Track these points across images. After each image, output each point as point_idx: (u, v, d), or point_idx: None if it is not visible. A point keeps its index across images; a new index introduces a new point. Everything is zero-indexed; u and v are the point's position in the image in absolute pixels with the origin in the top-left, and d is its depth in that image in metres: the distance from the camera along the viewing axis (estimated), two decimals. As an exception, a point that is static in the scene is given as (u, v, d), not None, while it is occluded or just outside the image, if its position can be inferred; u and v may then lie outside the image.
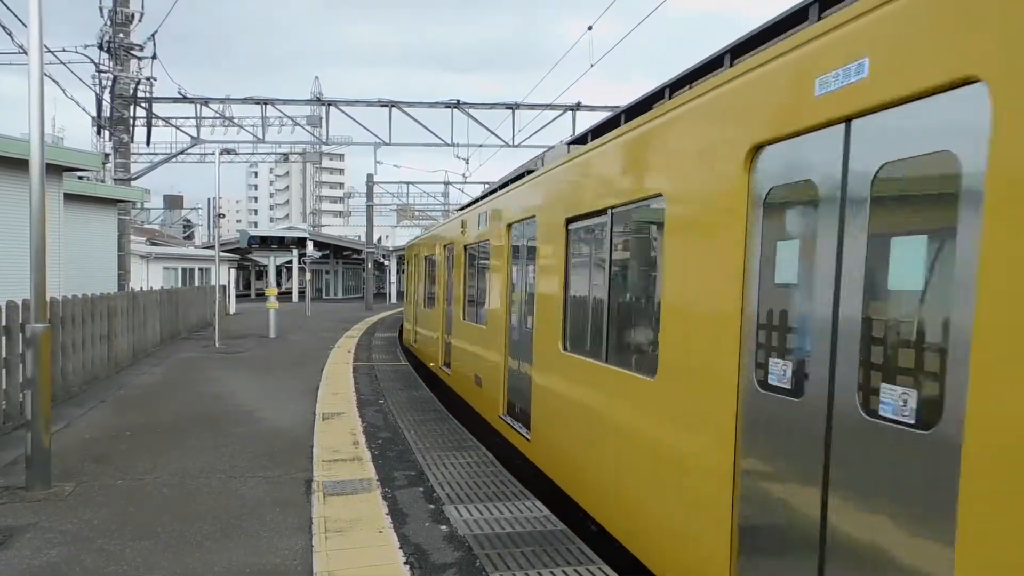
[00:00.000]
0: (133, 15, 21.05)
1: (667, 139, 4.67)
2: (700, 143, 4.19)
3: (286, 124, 28.86)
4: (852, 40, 2.99)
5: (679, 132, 4.50)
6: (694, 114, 4.31)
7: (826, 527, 3.07)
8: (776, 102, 3.47)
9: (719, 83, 4.01)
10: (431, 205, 53.52)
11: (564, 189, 6.86)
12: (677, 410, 4.39)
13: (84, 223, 18.14)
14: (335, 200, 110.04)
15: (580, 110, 25.04)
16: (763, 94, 3.60)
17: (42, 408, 6.40)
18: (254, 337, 21.23)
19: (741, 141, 3.72)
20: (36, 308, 6.47)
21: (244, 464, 7.29)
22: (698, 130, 4.25)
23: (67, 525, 5.50)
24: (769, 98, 3.54)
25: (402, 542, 5.16)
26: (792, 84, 3.35)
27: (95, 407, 10.22)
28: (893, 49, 2.76)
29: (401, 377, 13.68)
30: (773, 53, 3.54)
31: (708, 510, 3.95)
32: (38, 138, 6.35)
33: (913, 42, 2.68)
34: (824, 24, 3.19)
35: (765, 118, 3.55)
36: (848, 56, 2.99)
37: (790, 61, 3.40)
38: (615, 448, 5.31)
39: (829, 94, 3.10)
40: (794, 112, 3.33)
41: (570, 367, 6.44)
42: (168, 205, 74.61)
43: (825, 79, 3.13)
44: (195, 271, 33.83)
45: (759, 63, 3.65)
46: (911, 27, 2.70)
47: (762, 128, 3.56)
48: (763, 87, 3.60)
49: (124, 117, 21.70)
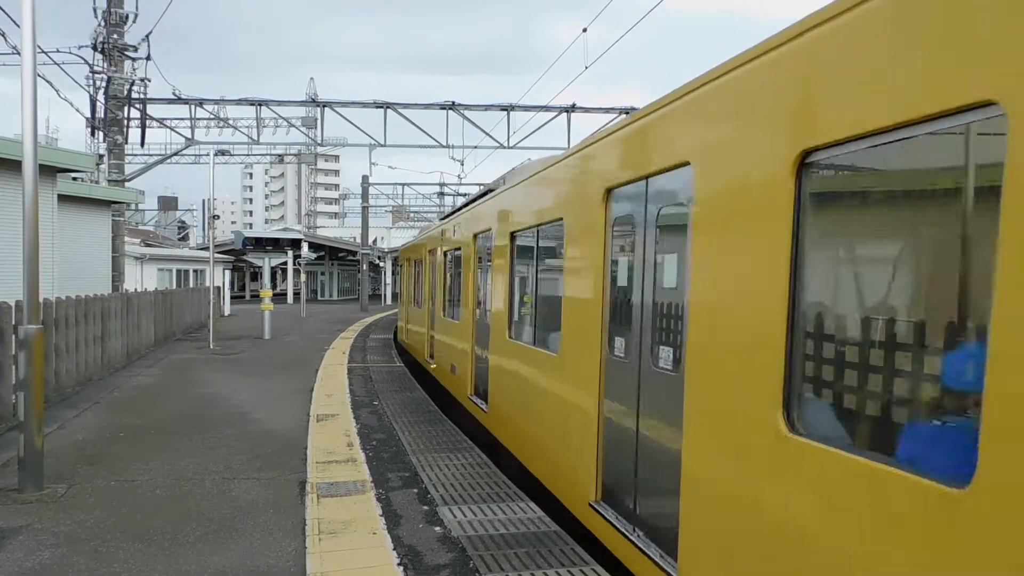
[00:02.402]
0: (127, 16, 21.03)
1: (566, 180, 6.60)
2: (581, 186, 6.09)
3: (281, 125, 28.87)
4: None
5: (572, 176, 6.46)
6: (577, 165, 6.31)
7: (639, 431, 4.83)
8: (622, 162, 5.26)
9: (581, 148, 6.13)
10: (426, 207, 53.53)
11: (510, 209, 8.49)
12: (570, 375, 6.11)
13: (78, 224, 18.10)
14: (330, 201, 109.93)
15: (575, 111, 25.08)
16: (615, 157, 5.40)
17: (35, 410, 6.38)
18: (249, 338, 21.19)
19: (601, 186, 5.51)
20: (29, 309, 6.45)
21: (238, 466, 7.28)
22: (581, 177, 6.18)
23: (60, 527, 5.48)
24: (618, 159, 5.34)
25: (396, 543, 5.16)
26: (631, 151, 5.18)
27: (88, 409, 10.19)
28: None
29: (396, 378, 13.68)
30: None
31: (586, 438, 5.61)
32: (31, 139, 6.33)
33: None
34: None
35: (615, 171, 5.31)
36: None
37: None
38: (537, 408, 7.06)
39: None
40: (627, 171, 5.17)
41: (513, 351, 8.14)
42: (162, 206, 74.35)
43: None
44: (189, 272, 33.78)
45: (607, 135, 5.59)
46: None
47: (612, 179, 5.32)
48: (615, 152, 5.40)
49: (118, 118, 21.66)
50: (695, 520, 3.93)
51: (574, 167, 6.32)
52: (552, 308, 6.79)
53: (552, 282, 7.07)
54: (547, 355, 6.74)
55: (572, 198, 6.21)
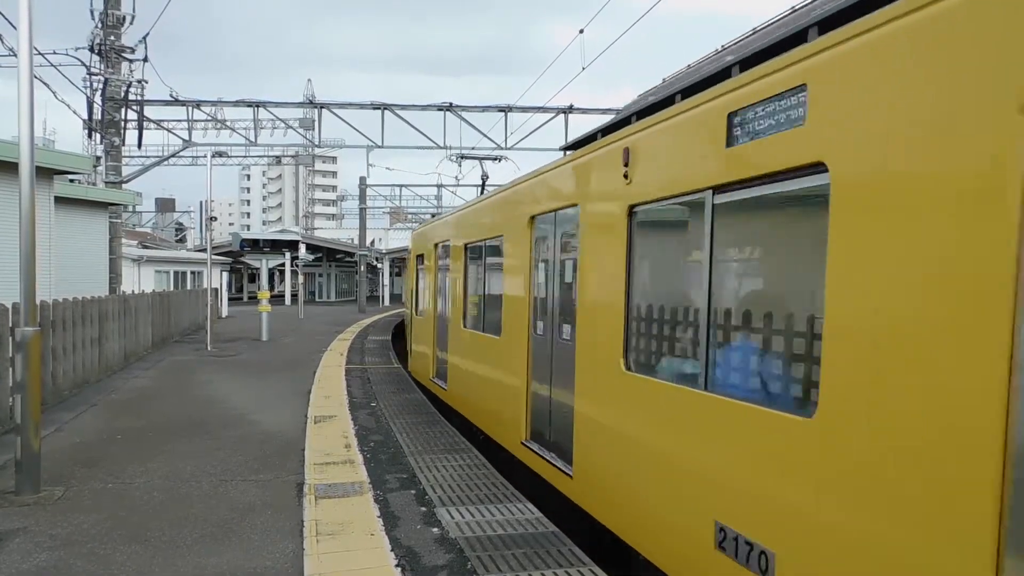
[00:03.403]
0: (124, 17, 20.99)
1: (504, 206, 8.71)
2: (515, 210, 8.11)
3: (278, 127, 28.87)
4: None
5: (508, 202, 8.57)
6: (512, 197, 8.39)
7: (551, 390, 6.89)
8: (541, 199, 7.31)
9: (511, 187, 8.51)
10: (424, 208, 53.51)
11: (462, 224, 11.02)
12: (507, 352, 8.23)
13: (75, 226, 18.06)
14: (328, 203, 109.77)
15: (572, 112, 25.11)
16: (537, 192, 7.43)
17: (32, 412, 6.37)
18: (246, 340, 21.17)
19: (527, 213, 7.65)
20: (26, 311, 6.44)
21: (235, 467, 7.27)
22: (516, 204, 8.17)
23: (57, 529, 5.47)
24: (538, 197, 7.40)
25: (393, 544, 5.16)
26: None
27: (86, 411, 10.17)
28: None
29: (394, 380, 13.67)
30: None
31: (518, 400, 7.72)
32: (28, 141, 6.32)
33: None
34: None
35: (538, 202, 7.35)
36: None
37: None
38: (484, 381, 9.31)
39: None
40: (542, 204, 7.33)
41: (465, 337, 10.45)
42: (160, 208, 74.32)
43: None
44: (187, 274, 33.74)
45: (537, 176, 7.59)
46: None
47: (535, 209, 7.42)
48: (538, 188, 7.45)
49: (115, 120, 21.63)
50: (581, 437, 5.97)
51: (512, 196, 8.45)
52: (494, 302, 9.06)
53: (493, 282, 9.30)
54: (492, 338, 8.88)
55: (509, 219, 8.35)
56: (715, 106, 4.08)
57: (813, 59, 3.26)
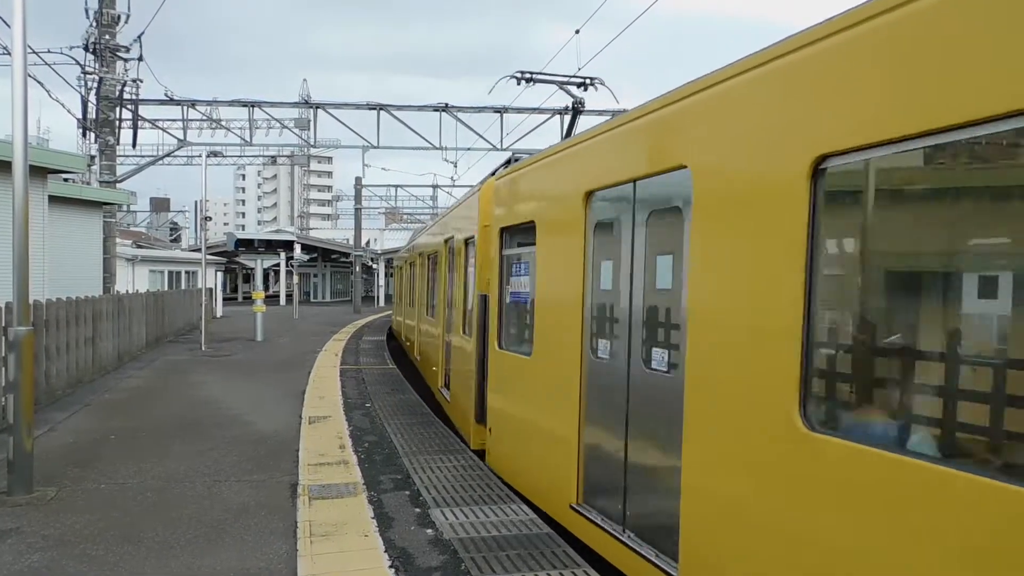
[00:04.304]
0: (119, 16, 20.93)
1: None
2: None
3: (274, 127, 28.84)
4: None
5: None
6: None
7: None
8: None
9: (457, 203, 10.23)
10: (419, 208, 53.49)
11: (425, 237, 13.39)
12: (451, 329, 10.35)
13: (69, 225, 17.98)
14: (323, 203, 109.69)
15: (569, 113, 25.09)
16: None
17: (24, 412, 6.35)
18: (241, 341, 21.12)
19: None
20: (19, 311, 6.42)
21: (229, 468, 7.26)
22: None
23: (49, 530, 5.45)
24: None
25: (387, 546, 5.15)
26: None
27: (79, 411, 10.14)
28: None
29: (389, 381, 13.65)
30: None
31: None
32: (21, 140, 6.30)
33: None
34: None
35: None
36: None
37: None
38: (442, 353, 11.40)
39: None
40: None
41: (426, 321, 13.81)
42: (154, 208, 74.14)
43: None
44: (181, 274, 33.63)
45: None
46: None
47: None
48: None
49: (110, 119, 21.57)
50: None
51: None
52: (451, 299, 10.74)
53: (453, 282, 10.81)
54: (435, 322, 11.14)
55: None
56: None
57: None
